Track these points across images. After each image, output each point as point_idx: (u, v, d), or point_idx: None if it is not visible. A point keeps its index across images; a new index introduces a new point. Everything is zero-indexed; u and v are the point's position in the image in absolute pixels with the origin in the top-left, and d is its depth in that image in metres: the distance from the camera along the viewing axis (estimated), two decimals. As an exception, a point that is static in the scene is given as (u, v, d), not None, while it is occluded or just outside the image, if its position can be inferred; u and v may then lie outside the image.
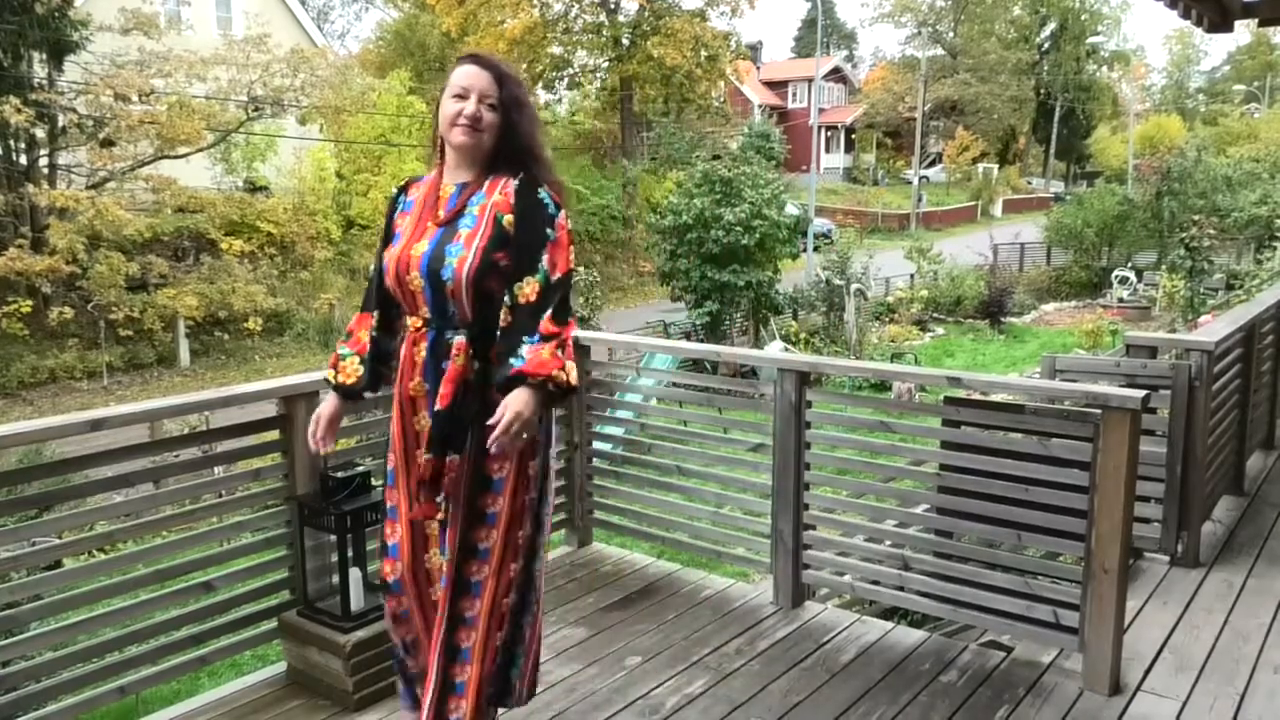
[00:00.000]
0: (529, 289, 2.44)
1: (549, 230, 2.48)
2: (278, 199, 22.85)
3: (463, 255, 2.44)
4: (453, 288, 2.45)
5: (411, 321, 2.57)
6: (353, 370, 2.69)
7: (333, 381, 2.72)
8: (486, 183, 2.52)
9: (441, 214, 2.51)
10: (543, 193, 2.49)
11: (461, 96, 2.48)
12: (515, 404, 2.37)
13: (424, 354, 2.53)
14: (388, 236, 2.61)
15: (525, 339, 2.41)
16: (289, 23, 26.35)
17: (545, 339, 2.41)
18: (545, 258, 2.45)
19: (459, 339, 2.48)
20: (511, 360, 2.40)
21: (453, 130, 2.48)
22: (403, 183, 2.70)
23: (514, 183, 2.48)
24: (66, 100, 19.58)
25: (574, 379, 2.45)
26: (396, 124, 26.94)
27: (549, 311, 2.43)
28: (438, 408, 2.47)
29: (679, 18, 33.55)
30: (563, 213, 2.52)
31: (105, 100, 19.15)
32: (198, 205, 20.62)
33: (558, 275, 2.46)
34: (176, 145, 20.13)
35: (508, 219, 2.46)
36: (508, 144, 2.51)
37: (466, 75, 2.50)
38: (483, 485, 2.53)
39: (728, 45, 35.17)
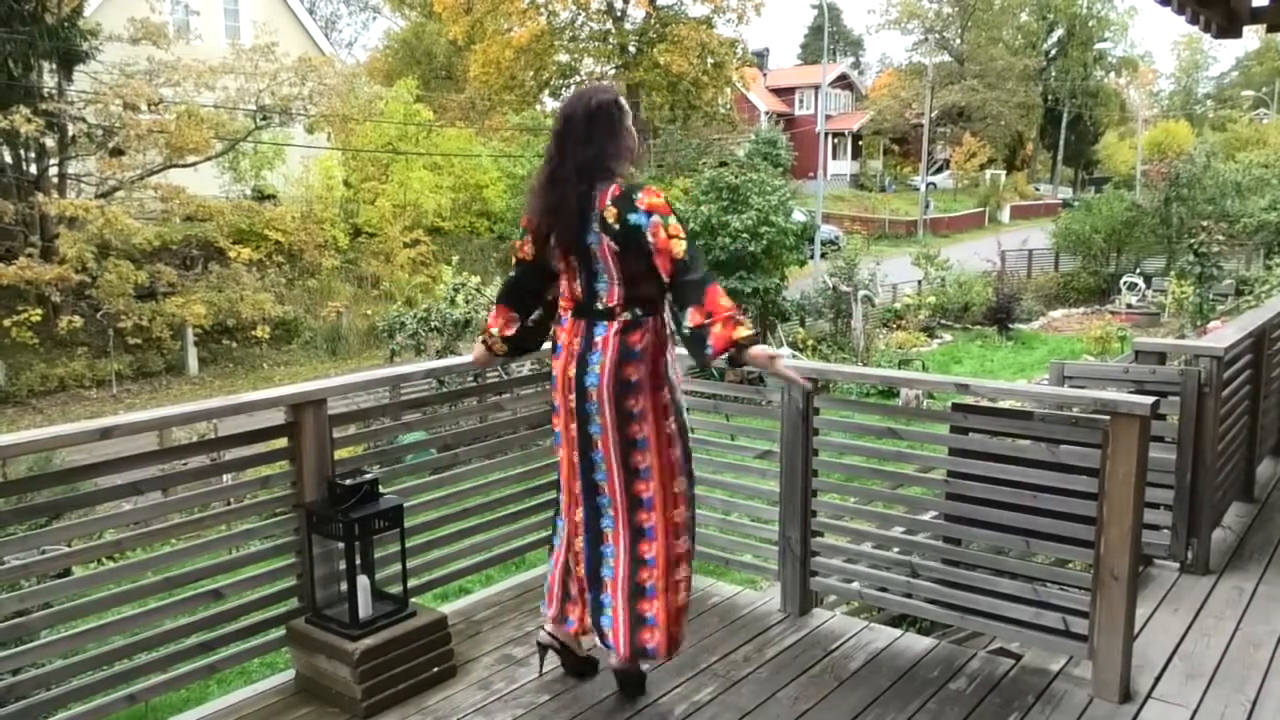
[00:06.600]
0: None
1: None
2: (285, 207, 22.93)
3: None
4: None
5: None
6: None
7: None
8: None
9: None
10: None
11: None
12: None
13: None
14: None
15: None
16: (296, 32, 26.47)
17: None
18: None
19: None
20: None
21: None
22: None
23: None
24: (76, 110, 19.68)
25: None
26: (404, 132, 27.02)
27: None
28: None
29: (685, 25, 33.64)
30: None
31: (114, 109, 19.24)
32: (206, 214, 20.70)
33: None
34: (185, 154, 20.21)
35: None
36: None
37: None
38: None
39: (734, 52, 35.26)
